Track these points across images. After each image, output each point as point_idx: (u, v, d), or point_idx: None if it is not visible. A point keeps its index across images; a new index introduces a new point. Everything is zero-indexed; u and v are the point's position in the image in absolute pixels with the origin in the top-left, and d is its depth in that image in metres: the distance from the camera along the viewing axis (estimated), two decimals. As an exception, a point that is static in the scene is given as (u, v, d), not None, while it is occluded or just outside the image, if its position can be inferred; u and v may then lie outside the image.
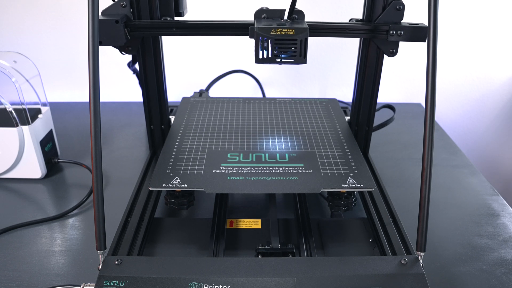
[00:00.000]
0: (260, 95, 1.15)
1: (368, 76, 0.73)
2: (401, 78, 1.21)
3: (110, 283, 0.47)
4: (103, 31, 0.62)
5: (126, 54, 0.69)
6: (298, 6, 0.60)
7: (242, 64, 1.11)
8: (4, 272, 0.61)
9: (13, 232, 0.69)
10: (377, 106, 0.77)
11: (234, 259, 0.51)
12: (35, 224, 0.71)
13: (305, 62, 0.58)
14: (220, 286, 0.47)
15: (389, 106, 0.95)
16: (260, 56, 0.57)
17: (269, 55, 0.57)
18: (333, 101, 0.87)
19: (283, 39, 0.56)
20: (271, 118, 0.79)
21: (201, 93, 0.98)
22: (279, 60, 0.57)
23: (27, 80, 0.81)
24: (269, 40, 0.56)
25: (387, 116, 0.88)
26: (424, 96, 0.49)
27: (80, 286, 0.51)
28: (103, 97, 1.12)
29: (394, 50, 0.67)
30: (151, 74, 0.73)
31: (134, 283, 0.47)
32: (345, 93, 1.20)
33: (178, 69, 1.16)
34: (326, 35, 0.66)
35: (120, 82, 1.16)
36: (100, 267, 0.50)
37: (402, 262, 0.50)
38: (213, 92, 1.10)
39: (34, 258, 0.64)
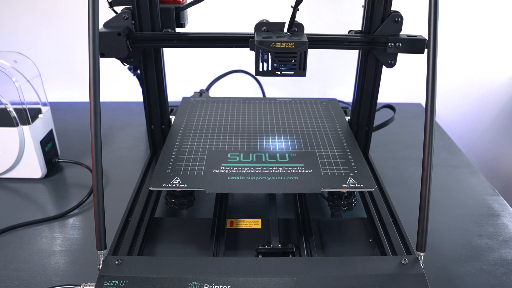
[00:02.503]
0: (261, 95, 1.15)
1: (368, 76, 0.73)
2: (401, 78, 1.21)
3: (110, 283, 0.47)
4: (105, 43, 0.62)
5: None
6: (298, 18, 0.61)
7: (242, 64, 1.11)
8: (4, 272, 0.61)
9: (13, 232, 0.69)
10: (377, 106, 0.77)
11: (234, 259, 0.51)
12: (35, 224, 0.71)
13: (304, 75, 0.58)
14: (220, 286, 0.47)
15: (389, 106, 0.95)
16: (261, 69, 0.58)
17: (269, 68, 0.58)
18: (333, 101, 0.87)
19: (283, 52, 0.57)
20: (271, 118, 0.79)
21: (201, 93, 0.98)
22: (279, 72, 0.58)
23: (27, 81, 0.81)
24: (269, 53, 0.57)
25: (387, 116, 0.88)
26: (424, 96, 0.49)
27: (80, 286, 0.51)
28: (103, 97, 1.11)
29: (393, 62, 0.68)
30: (151, 74, 0.73)
31: (135, 283, 0.47)
32: (345, 93, 1.20)
33: (178, 69, 1.16)
34: (325, 47, 0.67)
35: (121, 82, 1.16)
36: (100, 267, 0.50)
37: (403, 262, 0.50)
38: (214, 92, 1.10)
39: (34, 258, 0.64)
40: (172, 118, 0.80)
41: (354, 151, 0.68)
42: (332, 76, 1.20)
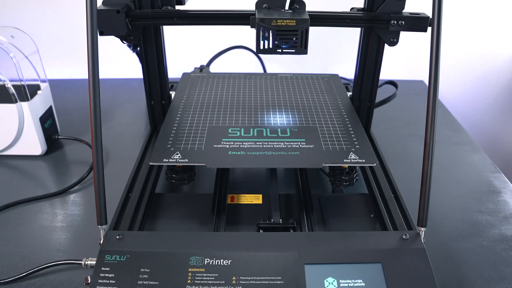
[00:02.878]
0: (262, 71, 1.14)
1: (370, 53, 0.72)
2: (403, 55, 1.19)
3: (111, 258, 0.48)
4: (104, 21, 0.62)
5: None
6: None
7: (244, 40, 1.10)
8: (7, 248, 0.61)
9: (15, 208, 0.69)
10: (379, 83, 0.77)
11: (235, 233, 0.51)
12: (36, 201, 0.71)
13: (306, 53, 0.58)
14: (221, 260, 0.47)
15: (392, 83, 0.94)
16: (261, 47, 0.58)
17: (270, 46, 0.57)
18: (335, 77, 0.86)
19: (284, 30, 0.56)
20: (272, 93, 0.78)
21: (201, 68, 0.97)
22: (280, 50, 0.58)
23: (25, 56, 0.80)
24: (270, 31, 0.56)
25: (389, 93, 0.87)
26: (426, 73, 0.48)
27: (81, 261, 0.51)
28: (103, 74, 1.10)
29: (395, 40, 0.67)
30: (151, 51, 0.72)
31: (135, 258, 0.47)
32: (347, 70, 1.19)
33: (178, 45, 1.15)
34: (327, 24, 0.66)
35: (120, 59, 1.15)
36: (101, 242, 0.50)
37: (403, 237, 0.50)
38: (214, 68, 1.09)
39: (36, 234, 0.64)
40: (172, 93, 0.80)
41: (355, 126, 0.67)
42: (333, 52, 1.19)
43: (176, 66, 1.07)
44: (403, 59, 1.20)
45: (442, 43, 0.48)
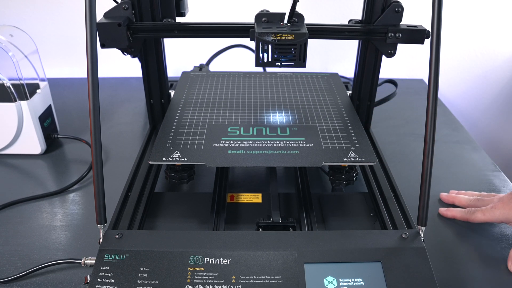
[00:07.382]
0: (261, 70, 1.14)
1: (369, 53, 0.72)
2: (403, 54, 1.19)
3: (110, 257, 0.47)
4: (106, 34, 0.62)
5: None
6: (298, 8, 0.60)
7: (243, 38, 1.10)
8: (6, 247, 0.61)
9: (14, 207, 0.69)
10: (379, 81, 0.77)
11: (235, 232, 0.51)
12: (35, 200, 0.71)
13: (304, 66, 0.58)
14: (221, 259, 0.47)
15: (391, 81, 0.94)
16: (261, 60, 0.58)
17: (269, 59, 0.58)
18: (334, 76, 0.86)
19: (283, 44, 0.57)
20: (272, 92, 0.78)
21: (201, 67, 0.97)
22: (279, 64, 0.58)
23: (25, 56, 0.80)
24: (269, 45, 0.57)
25: (389, 91, 0.87)
26: (426, 71, 0.48)
27: (81, 260, 0.51)
28: (103, 73, 1.10)
29: (393, 51, 0.68)
30: (150, 49, 0.72)
31: (135, 257, 0.47)
32: (347, 68, 1.19)
33: (178, 44, 1.14)
34: (325, 37, 0.67)
35: (120, 58, 1.14)
36: (101, 241, 0.50)
37: (403, 236, 0.50)
38: (214, 67, 1.09)
39: (35, 233, 0.64)
40: (172, 92, 0.80)
41: (355, 125, 0.67)
42: (333, 51, 1.19)
43: (176, 65, 1.07)
44: (403, 58, 1.20)
45: (442, 42, 0.48)
